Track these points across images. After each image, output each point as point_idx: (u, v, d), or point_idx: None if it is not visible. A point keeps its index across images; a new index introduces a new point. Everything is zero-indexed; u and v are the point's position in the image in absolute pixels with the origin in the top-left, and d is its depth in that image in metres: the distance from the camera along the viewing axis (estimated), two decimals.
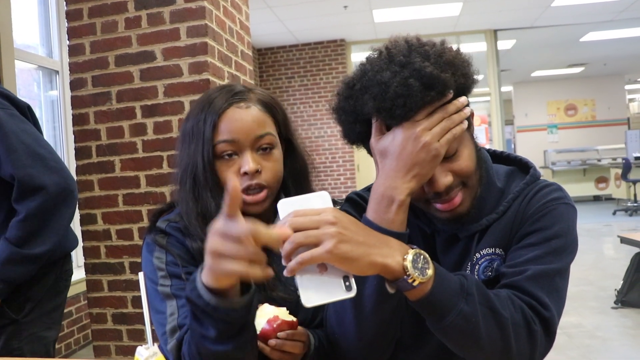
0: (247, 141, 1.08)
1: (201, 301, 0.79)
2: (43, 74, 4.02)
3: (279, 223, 0.79)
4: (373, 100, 0.88)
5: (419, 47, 0.90)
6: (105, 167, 2.62)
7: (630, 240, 4.04)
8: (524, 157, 1.10)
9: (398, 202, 0.87)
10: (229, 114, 1.09)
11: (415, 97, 0.85)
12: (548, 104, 13.06)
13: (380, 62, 0.90)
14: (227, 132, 1.07)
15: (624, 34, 8.54)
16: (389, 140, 0.90)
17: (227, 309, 0.79)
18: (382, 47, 0.93)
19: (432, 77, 0.85)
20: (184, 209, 1.11)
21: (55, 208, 1.66)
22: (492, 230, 0.99)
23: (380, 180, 0.90)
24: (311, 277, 0.79)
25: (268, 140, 1.11)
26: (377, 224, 0.88)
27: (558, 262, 0.92)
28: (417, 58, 0.87)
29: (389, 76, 0.86)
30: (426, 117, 0.88)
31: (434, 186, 0.92)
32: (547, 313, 0.87)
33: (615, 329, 3.64)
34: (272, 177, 1.10)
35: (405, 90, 0.85)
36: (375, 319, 0.91)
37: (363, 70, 0.92)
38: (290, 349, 0.96)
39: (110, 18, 2.58)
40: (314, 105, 7.63)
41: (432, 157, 0.87)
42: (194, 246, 1.07)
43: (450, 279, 0.84)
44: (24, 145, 1.63)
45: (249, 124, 1.09)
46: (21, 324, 1.68)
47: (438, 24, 7.24)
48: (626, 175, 9.32)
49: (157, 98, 2.55)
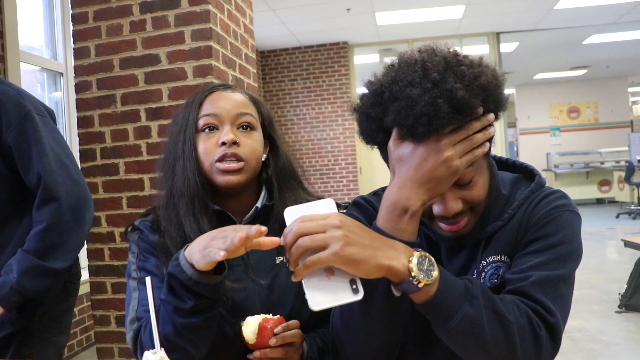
0: (228, 116, 1.15)
1: (184, 276, 0.91)
2: (47, 76, 4.04)
3: (286, 229, 0.81)
4: (397, 114, 0.86)
5: (455, 65, 0.86)
6: (109, 169, 2.63)
7: (634, 243, 4.03)
8: (530, 165, 1.10)
9: (411, 213, 0.87)
10: (214, 95, 1.19)
11: (441, 119, 0.82)
12: (551, 106, 13.04)
13: (414, 75, 0.86)
14: (210, 108, 1.16)
15: (627, 36, 8.53)
16: (410, 149, 0.87)
17: (207, 284, 0.91)
18: (418, 56, 0.89)
19: (462, 101, 0.82)
20: (160, 191, 1.20)
21: (75, 221, 1.63)
22: (497, 238, 1.00)
23: (394, 188, 0.89)
24: (318, 281, 0.81)
25: (249, 119, 1.17)
26: (389, 232, 0.88)
27: (562, 269, 0.92)
28: (450, 78, 0.84)
29: (419, 93, 0.83)
30: (451, 132, 0.85)
31: (442, 209, 0.92)
32: (552, 319, 0.88)
33: (619, 333, 3.63)
34: (250, 153, 1.15)
35: (432, 110, 0.82)
36: (383, 325, 0.92)
37: (394, 78, 0.88)
38: (292, 339, 1.00)
39: (116, 21, 2.59)
40: (316, 107, 7.63)
41: (450, 173, 0.86)
42: (153, 240, 1.14)
43: (455, 282, 0.85)
44: (54, 152, 1.63)
45: (232, 102, 1.17)
46: (32, 330, 1.67)
47: (441, 27, 7.25)
48: (629, 178, 9.30)
49: (162, 101, 2.55)
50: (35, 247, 1.58)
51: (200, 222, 1.11)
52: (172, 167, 1.16)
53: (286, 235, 0.80)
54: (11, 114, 1.59)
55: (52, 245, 1.60)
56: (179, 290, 0.92)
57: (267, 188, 1.23)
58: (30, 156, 1.59)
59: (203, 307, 0.94)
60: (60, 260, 1.62)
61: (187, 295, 0.92)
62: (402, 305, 0.89)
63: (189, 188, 1.12)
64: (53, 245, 1.60)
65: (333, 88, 7.62)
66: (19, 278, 1.55)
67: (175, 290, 0.93)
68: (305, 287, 0.80)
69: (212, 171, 1.13)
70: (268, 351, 0.98)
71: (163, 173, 1.19)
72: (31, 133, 1.61)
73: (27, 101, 1.64)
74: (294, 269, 0.80)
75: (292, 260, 0.80)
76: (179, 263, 0.91)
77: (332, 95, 7.61)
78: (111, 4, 2.59)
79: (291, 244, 0.79)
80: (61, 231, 1.61)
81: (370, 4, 6.11)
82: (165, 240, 1.12)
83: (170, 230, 1.12)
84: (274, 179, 1.23)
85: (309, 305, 0.80)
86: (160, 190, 1.20)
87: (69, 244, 1.64)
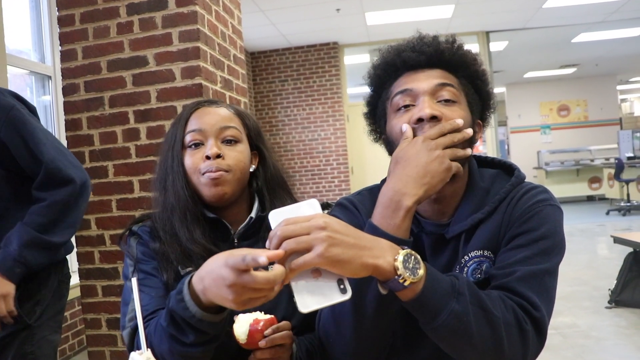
0: (212, 131, 1.18)
1: (187, 313, 0.89)
2: (36, 79, 4.01)
3: (271, 233, 0.80)
4: (399, 44, 1.07)
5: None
6: (98, 172, 2.62)
7: (623, 240, 4.07)
8: (508, 161, 1.13)
9: (405, 208, 0.89)
10: (199, 112, 1.22)
11: (433, 39, 1.04)
12: (541, 104, 13.11)
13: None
14: (196, 124, 1.20)
15: (616, 34, 8.60)
16: (404, 148, 0.94)
17: (210, 322, 0.90)
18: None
19: (455, 39, 1.06)
20: (154, 203, 1.22)
21: (76, 201, 1.72)
22: (479, 233, 1.01)
23: (390, 184, 0.92)
24: (306, 283, 0.81)
25: (233, 132, 1.20)
26: (383, 229, 0.89)
27: (546, 263, 0.93)
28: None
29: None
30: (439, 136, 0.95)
31: (421, 108, 0.99)
32: (537, 313, 0.88)
33: (609, 328, 3.66)
34: (234, 164, 1.17)
35: (427, 35, 1.07)
36: (375, 324, 0.92)
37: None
38: (282, 340, 1.00)
39: (102, 23, 2.58)
40: (307, 108, 7.63)
41: (444, 169, 0.92)
42: (154, 247, 1.16)
43: (441, 279, 0.85)
44: (49, 140, 1.70)
45: (216, 117, 1.20)
46: (33, 328, 1.72)
47: (430, 26, 7.16)
48: (619, 175, 9.37)
49: (150, 103, 2.54)
50: (37, 221, 1.65)
51: (194, 233, 1.14)
52: (164, 183, 1.20)
53: (271, 239, 0.80)
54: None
55: (53, 221, 1.67)
56: (181, 324, 0.91)
57: (259, 198, 1.25)
58: (27, 147, 1.65)
59: (203, 340, 0.93)
60: (59, 234, 1.69)
61: (189, 331, 0.91)
62: (395, 304, 0.89)
63: (180, 202, 1.16)
64: (54, 221, 1.67)
65: (324, 88, 7.62)
66: (19, 250, 1.60)
67: (178, 323, 0.92)
68: (293, 289, 0.80)
69: (199, 184, 1.16)
70: (259, 353, 0.99)
71: (157, 189, 1.22)
72: (21, 126, 1.65)
73: (9, 97, 1.69)
74: None
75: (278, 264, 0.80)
76: (182, 298, 0.89)
77: (323, 96, 7.61)
78: (98, 5, 2.58)
79: (276, 248, 0.79)
80: (64, 209, 1.68)
81: (359, 4, 6.12)
82: (165, 248, 1.15)
83: (169, 240, 1.15)
84: (264, 189, 1.25)
85: (297, 308, 0.79)
86: (155, 206, 1.23)
87: (70, 220, 1.72)
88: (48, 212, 1.66)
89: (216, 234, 1.19)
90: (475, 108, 1.07)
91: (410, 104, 1.01)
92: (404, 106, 1.02)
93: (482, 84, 1.08)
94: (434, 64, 1.03)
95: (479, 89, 1.08)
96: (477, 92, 1.08)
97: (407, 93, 1.02)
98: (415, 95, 1.01)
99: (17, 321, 1.67)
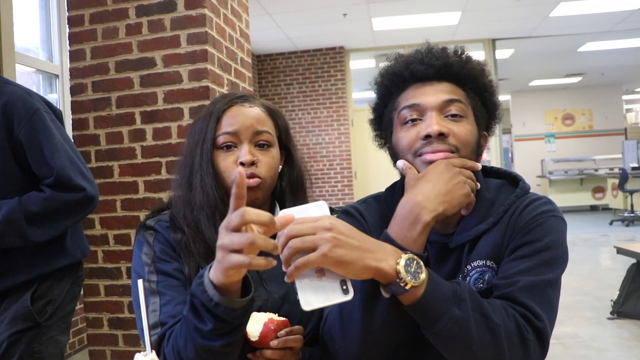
0: (246, 134, 1.15)
1: (205, 296, 0.86)
2: (43, 77, 4.04)
3: (280, 232, 0.82)
4: (407, 56, 1.06)
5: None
6: (104, 172, 2.63)
7: (626, 251, 4.06)
8: (513, 171, 1.13)
9: (424, 222, 0.90)
10: (232, 110, 1.17)
11: (442, 52, 1.04)
12: (545, 113, 13.11)
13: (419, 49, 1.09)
14: (229, 125, 1.15)
15: (622, 44, 8.60)
16: (428, 168, 0.98)
17: (228, 307, 0.87)
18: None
19: (463, 52, 1.05)
20: (175, 197, 1.18)
21: (75, 208, 1.72)
22: (482, 242, 1.01)
23: (411, 196, 0.93)
24: (310, 282, 0.83)
25: (266, 137, 1.17)
26: (399, 242, 0.89)
27: (549, 274, 0.93)
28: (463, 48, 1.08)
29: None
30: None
31: (428, 125, 1.00)
32: (539, 323, 0.89)
33: (611, 339, 3.65)
34: (267, 171, 1.15)
35: (436, 47, 1.05)
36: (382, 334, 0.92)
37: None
38: (293, 344, 1.01)
39: (111, 24, 2.60)
40: (312, 112, 7.65)
41: (464, 194, 0.95)
42: (175, 237, 1.12)
43: (443, 285, 0.86)
44: (64, 149, 1.72)
45: (250, 119, 1.16)
46: (42, 327, 1.74)
47: (437, 33, 7.28)
48: (623, 185, 9.35)
49: (157, 104, 2.56)
50: (29, 207, 1.65)
51: None
52: (189, 178, 1.16)
53: (279, 238, 0.82)
54: (21, 111, 1.66)
55: (43, 215, 1.66)
56: (200, 309, 0.89)
57: (280, 199, 1.24)
58: (42, 151, 1.67)
59: (223, 331, 0.89)
60: (39, 233, 1.68)
61: (207, 317, 0.88)
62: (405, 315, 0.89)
63: (209, 203, 1.12)
64: (44, 215, 1.67)
65: (329, 93, 7.64)
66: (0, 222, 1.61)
67: (197, 309, 0.89)
68: (297, 287, 0.82)
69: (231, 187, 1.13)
70: (268, 353, 0.99)
71: (180, 179, 1.18)
72: (41, 129, 1.68)
73: (36, 100, 1.72)
74: (286, 269, 0.82)
75: (284, 262, 0.82)
76: (202, 281, 0.88)
77: (328, 100, 7.63)
78: (107, 6, 2.60)
79: (283, 246, 0.81)
80: (60, 208, 1.68)
81: (366, 9, 6.14)
82: (187, 239, 1.11)
83: (193, 234, 1.11)
84: (287, 190, 1.23)
85: (300, 306, 0.81)
86: (176, 202, 1.17)
87: (57, 223, 1.71)
88: (43, 204, 1.66)
89: None
90: (481, 120, 1.08)
91: (418, 118, 1.02)
92: (411, 120, 1.02)
93: (490, 95, 1.08)
94: (442, 77, 1.04)
95: (486, 101, 1.09)
96: (484, 103, 1.09)
97: (414, 108, 1.02)
98: (422, 110, 1.02)
99: (28, 319, 1.69)
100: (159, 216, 1.19)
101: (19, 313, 1.69)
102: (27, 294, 1.71)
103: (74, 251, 1.85)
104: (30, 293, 1.70)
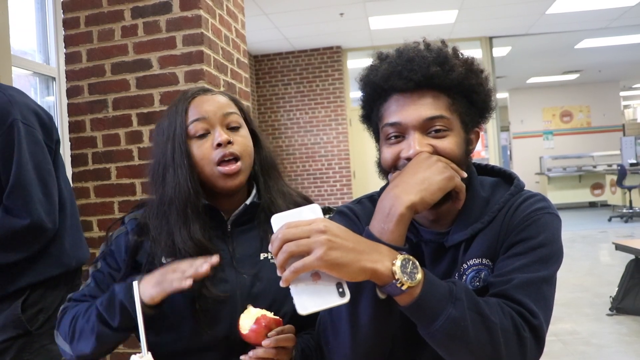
0: (216, 118, 1.18)
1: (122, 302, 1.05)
2: (40, 80, 4.03)
3: (273, 236, 0.82)
4: (388, 64, 1.01)
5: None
6: (101, 174, 2.63)
7: (625, 247, 4.07)
8: (508, 169, 1.13)
9: (398, 213, 0.89)
10: (197, 100, 1.21)
11: (422, 62, 0.97)
12: (543, 110, 13.11)
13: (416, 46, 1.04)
14: (198, 113, 1.18)
15: (619, 41, 8.60)
16: (408, 163, 0.96)
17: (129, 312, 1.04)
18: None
19: (446, 57, 0.99)
20: (149, 201, 1.22)
21: (12, 238, 1.62)
22: (478, 241, 1.01)
23: (388, 189, 0.93)
24: (305, 286, 0.82)
25: (235, 118, 1.21)
26: (376, 235, 0.89)
27: (544, 271, 0.94)
28: (447, 49, 1.02)
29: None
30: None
31: (407, 148, 0.98)
32: (535, 321, 0.89)
33: (610, 336, 3.65)
34: (244, 149, 1.19)
35: (417, 54, 0.99)
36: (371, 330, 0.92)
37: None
38: (284, 343, 1.01)
39: (107, 26, 2.59)
40: (310, 112, 7.64)
41: (445, 177, 0.92)
42: (132, 239, 1.18)
43: (439, 284, 0.86)
44: (29, 166, 1.64)
45: (217, 103, 1.21)
46: (33, 335, 1.69)
47: (434, 31, 7.20)
48: (621, 181, 9.36)
49: (153, 106, 2.56)
50: None
51: (192, 228, 1.12)
52: (162, 176, 1.17)
53: (273, 242, 0.82)
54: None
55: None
56: (114, 309, 1.07)
57: (256, 184, 1.26)
58: (10, 164, 1.62)
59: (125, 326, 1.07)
60: None
61: (117, 317, 1.06)
62: (392, 309, 0.90)
63: (180, 195, 1.13)
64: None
65: (326, 92, 7.63)
66: None
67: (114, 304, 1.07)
68: (292, 292, 0.82)
69: (213, 175, 1.16)
70: (260, 352, 1.00)
71: (152, 182, 1.21)
72: (14, 142, 1.63)
73: (16, 109, 1.65)
74: (281, 274, 0.81)
75: (279, 266, 0.81)
76: (131, 286, 1.04)
77: (326, 100, 7.63)
78: (103, 8, 2.59)
79: (277, 250, 0.81)
80: (4, 237, 1.61)
81: (363, 8, 6.14)
82: (142, 243, 1.18)
83: (160, 240, 1.14)
84: (259, 171, 1.26)
85: (297, 310, 0.81)
86: (149, 198, 1.22)
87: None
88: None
89: (211, 220, 1.18)
90: (470, 123, 1.05)
91: (400, 134, 1.00)
92: (394, 136, 1.01)
93: (477, 95, 1.04)
94: (423, 87, 0.99)
95: (474, 100, 1.04)
96: (473, 103, 1.05)
97: (395, 126, 1.00)
98: (404, 129, 0.99)
99: (18, 327, 1.65)
100: (138, 211, 1.25)
101: (9, 320, 1.65)
102: (17, 302, 1.67)
103: (68, 260, 1.79)
104: (21, 301, 1.66)
